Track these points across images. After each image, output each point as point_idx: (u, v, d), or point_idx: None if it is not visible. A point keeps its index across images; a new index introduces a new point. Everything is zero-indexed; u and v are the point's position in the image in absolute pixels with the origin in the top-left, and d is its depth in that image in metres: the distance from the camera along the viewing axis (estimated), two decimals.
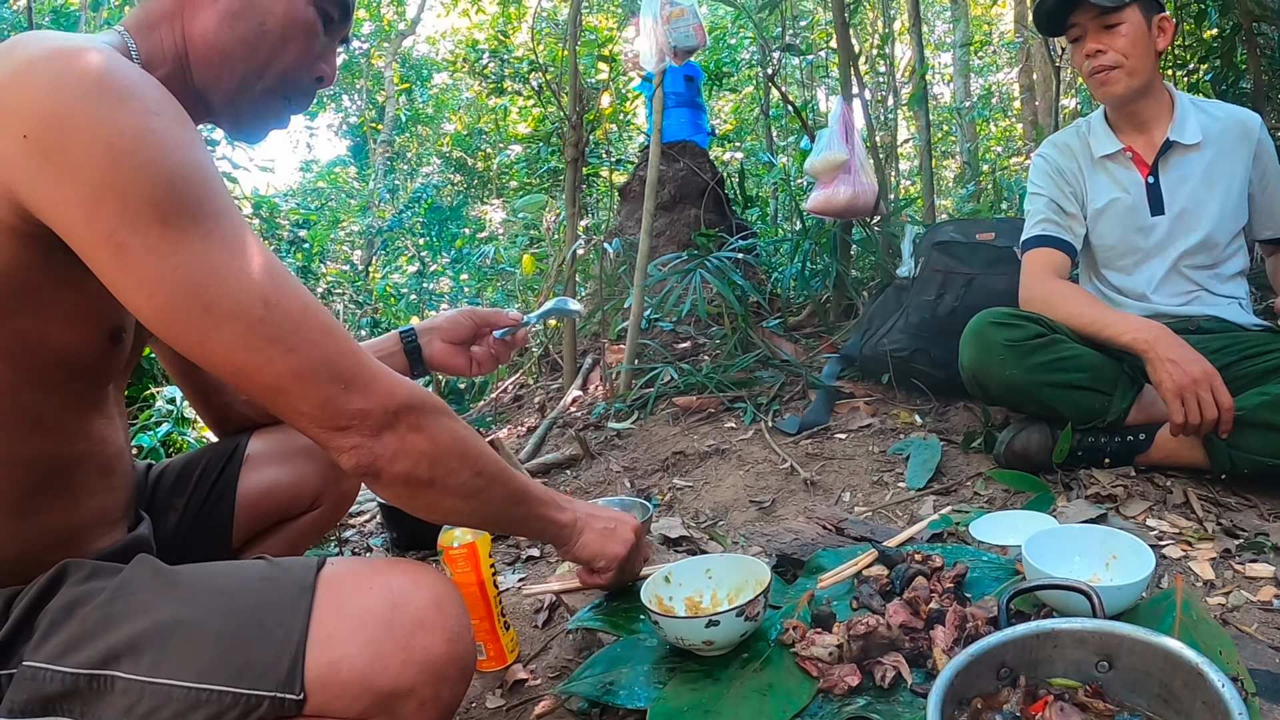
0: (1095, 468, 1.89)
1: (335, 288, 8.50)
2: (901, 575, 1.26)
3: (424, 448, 0.96)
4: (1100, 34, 1.96)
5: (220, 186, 0.89)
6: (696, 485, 2.38)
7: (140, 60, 1.01)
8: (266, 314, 0.86)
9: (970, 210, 5.47)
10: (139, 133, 0.82)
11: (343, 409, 0.91)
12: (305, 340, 0.89)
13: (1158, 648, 0.87)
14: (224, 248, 0.86)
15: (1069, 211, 2.12)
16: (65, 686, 0.84)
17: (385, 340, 1.45)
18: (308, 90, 1.13)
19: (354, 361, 0.92)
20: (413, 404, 0.95)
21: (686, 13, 3.03)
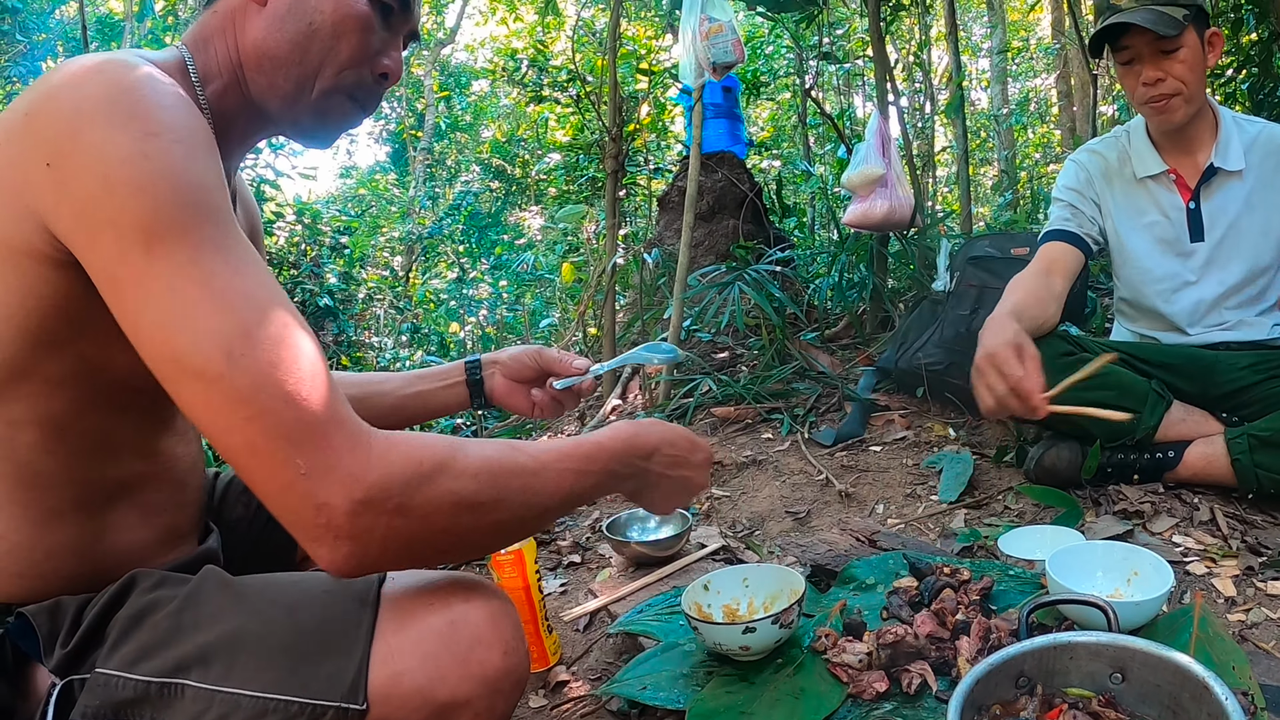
0: (1124, 484, 1.93)
1: (376, 293, 8.65)
2: (930, 587, 1.33)
3: (414, 532, 0.84)
4: (1158, 60, 1.89)
5: (216, 213, 0.84)
6: (734, 495, 2.45)
7: (197, 76, 1.02)
8: (228, 370, 0.78)
9: (1007, 219, 5.48)
10: (133, 158, 0.80)
11: (301, 501, 0.80)
12: (263, 408, 0.79)
13: (1168, 662, 0.93)
14: (200, 283, 0.80)
15: (1089, 209, 2.11)
16: (137, 693, 0.87)
17: (450, 368, 1.43)
18: (372, 89, 1.09)
19: (317, 438, 0.80)
20: (389, 487, 0.82)
21: (725, 28, 3.09)
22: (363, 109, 1.11)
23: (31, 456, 0.93)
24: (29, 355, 0.89)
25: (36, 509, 0.95)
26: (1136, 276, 2.12)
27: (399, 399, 1.42)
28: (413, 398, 1.42)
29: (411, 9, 1.10)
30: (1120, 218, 2.10)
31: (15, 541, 0.94)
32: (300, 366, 0.82)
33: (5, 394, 0.90)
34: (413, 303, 8.97)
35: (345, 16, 1.02)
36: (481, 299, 9.41)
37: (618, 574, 1.95)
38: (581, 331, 5.16)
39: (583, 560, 2.19)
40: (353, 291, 7.98)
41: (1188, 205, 2.03)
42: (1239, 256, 2.01)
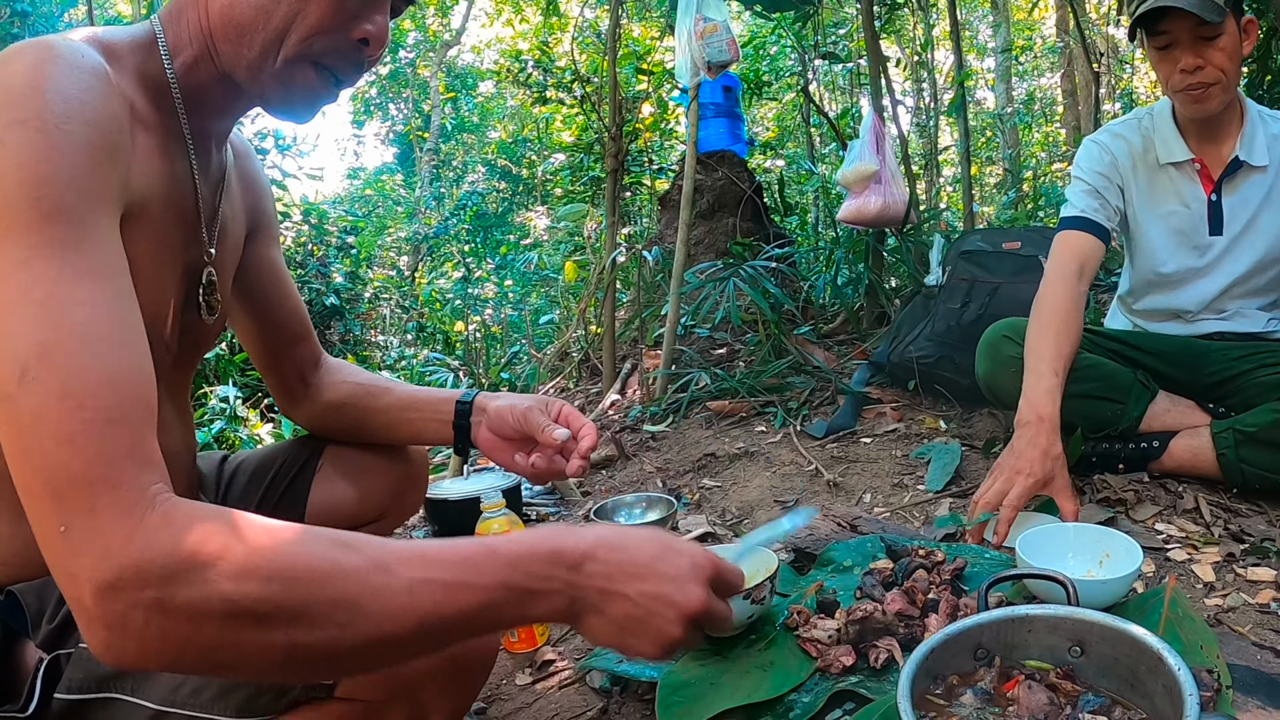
0: (1109, 473, 1.94)
1: (382, 292, 8.70)
2: (904, 568, 1.34)
3: (182, 634, 0.69)
4: (1198, 47, 1.81)
5: (73, 211, 0.77)
6: (725, 486, 2.47)
7: (166, 50, 0.98)
8: (16, 391, 0.70)
9: (1009, 218, 5.49)
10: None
11: (59, 566, 0.69)
12: (37, 444, 0.70)
13: (1124, 635, 0.94)
14: (22, 289, 0.73)
15: (1111, 191, 2.03)
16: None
17: (444, 402, 1.34)
18: (348, 55, 0.99)
19: (82, 495, 0.69)
20: (145, 573, 0.67)
21: (720, 28, 3.12)
22: (337, 80, 1.01)
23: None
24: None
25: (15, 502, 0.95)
26: (1148, 264, 2.08)
27: (390, 416, 1.37)
28: (402, 423, 1.37)
29: None
30: (1141, 204, 2.05)
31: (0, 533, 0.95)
32: (91, 405, 0.71)
33: None
34: (418, 302, 9.02)
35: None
36: (487, 298, 9.46)
37: None
38: (583, 329, 5.18)
39: None
40: (359, 291, 8.04)
41: (1209, 197, 1.98)
42: (1252, 251, 1.98)
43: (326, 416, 1.40)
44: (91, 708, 0.90)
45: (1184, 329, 2.07)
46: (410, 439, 1.42)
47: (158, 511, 0.71)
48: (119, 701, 0.90)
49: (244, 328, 1.34)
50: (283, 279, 1.34)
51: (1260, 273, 2.01)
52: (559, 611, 0.80)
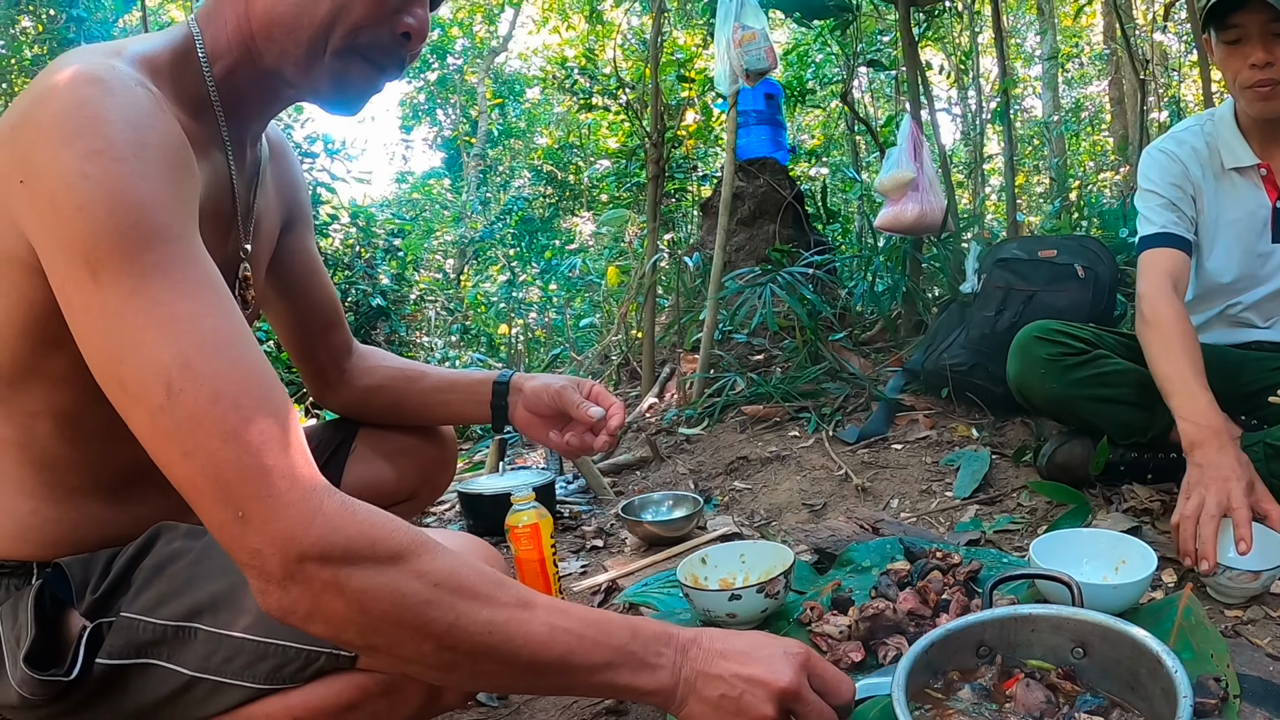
0: (1137, 482, 1.93)
1: (428, 294, 8.83)
2: (920, 569, 1.36)
3: (344, 612, 0.78)
4: (1270, 42, 1.74)
5: (162, 235, 0.81)
6: (755, 488, 2.50)
7: (204, 53, 1.00)
8: (167, 402, 0.77)
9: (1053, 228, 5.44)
10: (74, 179, 0.79)
11: (237, 544, 0.78)
12: (200, 445, 0.77)
13: (1125, 636, 0.95)
14: (143, 311, 0.78)
15: (1188, 214, 1.96)
16: (155, 635, 0.94)
17: (481, 382, 1.41)
18: (392, 49, 1.02)
19: (258, 484, 0.76)
20: (329, 554, 0.77)
21: (758, 36, 3.15)
22: (382, 71, 1.04)
23: (49, 444, 0.99)
24: (33, 353, 0.93)
25: (60, 489, 1.02)
26: (1209, 275, 2.01)
27: (427, 398, 1.44)
28: (440, 404, 1.44)
29: None
30: (1211, 213, 1.96)
31: (45, 517, 1.02)
32: (247, 404, 0.78)
33: (18, 388, 0.96)
34: (464, 304, 9.14)
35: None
36: (531, 302, 9.56)
37: (630, 552, 2.02)
38: (623, 333, 5.23)
39: (605, 545, 2.26)
40: (405, 292, 8.16)
41: (1275, 204, 1.91)
42: None
43: (363, 400, 1.46)
44: (130, 673, 0.95)
45: (1226, 337, 2.03)
46: (447, 419, 1.49)
47: (336, 499, 0.79)
48: (156, 667, 0.94)
49: (280, 317, 1.38)
50: (317, 268, 1.39)
51: None
52: (664, 689, 0.87)
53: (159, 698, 0.95)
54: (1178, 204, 1.94)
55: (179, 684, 0.94)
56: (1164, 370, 1.71)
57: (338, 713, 0.93)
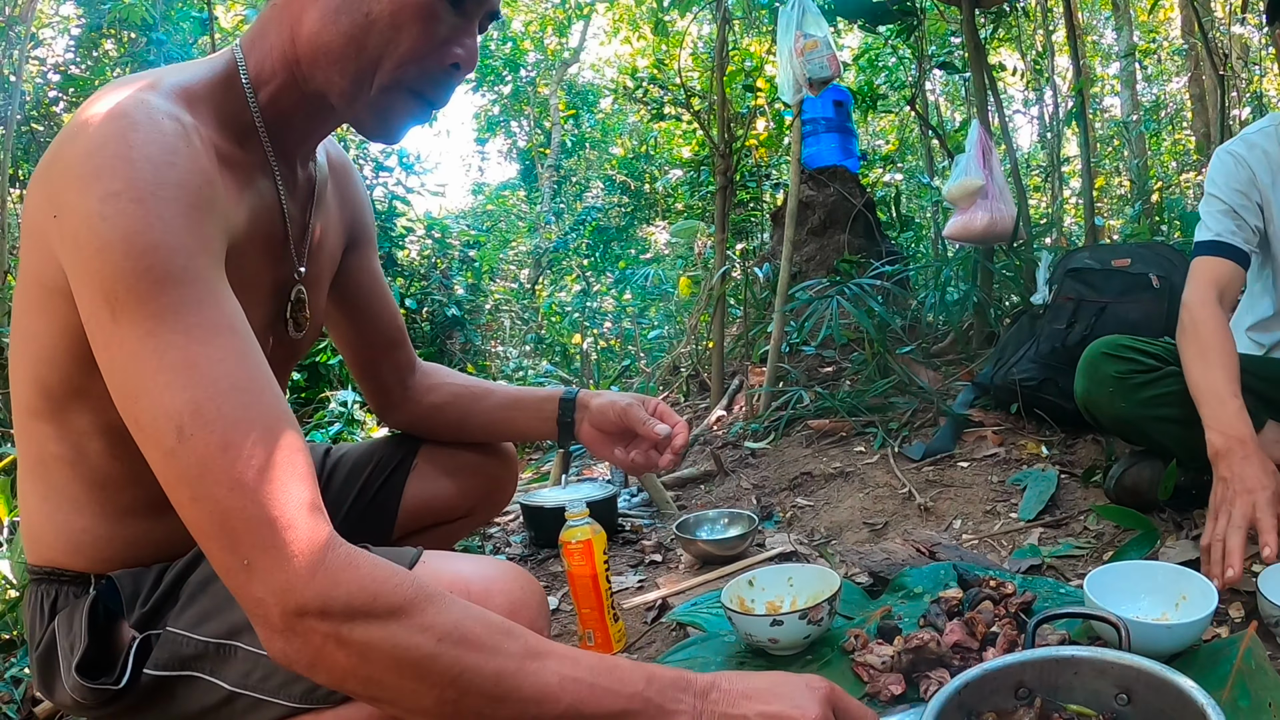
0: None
1: (503, 304, 8.97)
2: (972, 598, 1.34)
3: (345, 665, 0.79)
4: None
5: (178, 278, 0.81)
6: (817, 505, 2.47)
7: (248, 79, 1.00)
8: (177, 446, 0.78)
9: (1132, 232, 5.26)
10: (93, 220, 0.80)
11: (241, 590, 0.79)
12: (207, 493, 0.78)
13: (1171, 686, 0.91)
14: (156, 354, 0.79)
15: (1251, 209, 1.89)
16: (198, 650, 0.99)
17: (547, 400, 1.43)
18: (440, 81, 1.01)
19: (262, 534, 0.77)
20: (328, 609, 0.77)
21: (820, 44, 3.12)
22: (430, 104, 1.03)
23: (100, 462, 1.02)
24: (81, 375, 0.95)
25: (111, 507, 1.05)
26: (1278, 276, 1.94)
27: (493, 415, 1.46)
28: (506, 421, 1.46)
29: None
30: (1276, 214, 1.90)
31: (97, 535, 1.05)
32: (255, 453, 0.79)
33: (70, 409, 0.99)
34: (538, 314, 9.25)
35: (404, 5, 0.94)
36: (605, 312, 9.62)
37: (684, 570, 2.02)
38: (694, 344, 5.23)
39: (663, 560, 2.27)
40: (480, 302, 8.29)
41: None
42: None
43: (426, 417, 1.48)
44: (175, 684, 1.00)
45: None
46: (512, 436, 1.51)
47: (340, 554, 0.80)
48: (199, 680, 0.99)
49: (343, 336, 1.41)
50: (382, 288, 1.41)
51: None
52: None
53: (203, 708, 1.01)
54: (1240, 211, 1.87)
55: (221, 697, 0.99)
56: (1196, 378, 1.69)
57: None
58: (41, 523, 1.07)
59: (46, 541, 1.07)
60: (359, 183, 1.36)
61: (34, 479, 1.06)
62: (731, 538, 2.00)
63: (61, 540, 1.06)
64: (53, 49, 9.11)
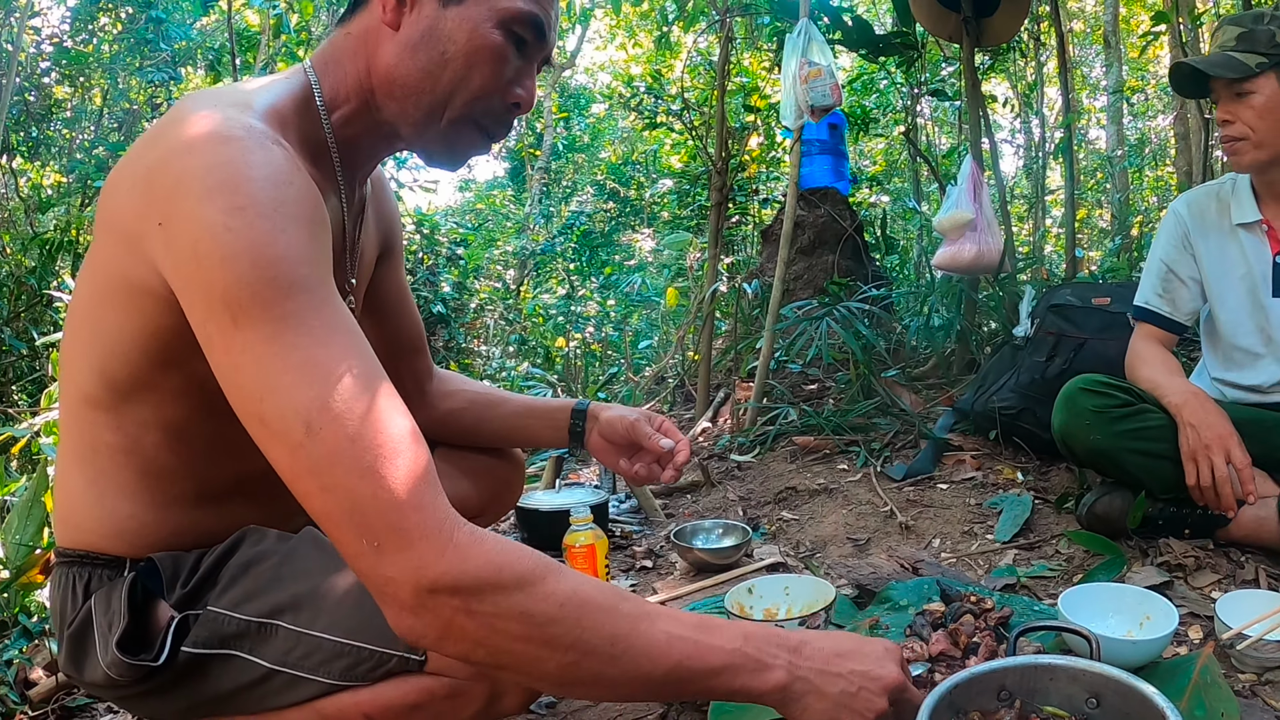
0: (1174, 537, 1.98)
1: (487, 304, 9.02)
2: (954, 612, 1.45)
3: (475, 635, 0.85)
4: (1230, 102, 1.92)
5: (299, 286, 0.87)
6: (802, 519, 2.59)
7: (323, 100, 1.07)
8: (306, 440, 0.83)
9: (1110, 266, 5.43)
10: (217, 232, 0.85)
11: (371, 572, 0.84)
12: (338, 482, 0.83)
13: (1136, 692, 1.03)
14: (281, 355, 0.84)
15: (1182, 278, 2.12)
16: (239, 629, 1.03)
17: (558, 409, 1.51)
18: (502, 117, 1.10)
19: (392, 517, 0.83)
20: (459, 584, 0.83)
21: (824, 73, 3.23)
22: (490, 137, 1.12)
23: (156, 454, 1.07)
24: (151, 371, 1.01)
25: (161, 496, 1.10)
26: (1225, 329, 2.12)
27: (508, 424, 1.55)
28: (519, 429, 1.55)
29: (547, 36, 1.10)
30: (1213, 268, 2.10)
31: (142, 521, 1.11)
32: (382, 442, 0.84)
33: (133, 401, 1.04)
34: (522, 315, 9.31)
35: (479, 47, 1.03)
36: (589, 316, 9.71)
37: (680, 577, 2.13)
38: (680, 355, 5.34)
39: (654, 565, 2.37)
40: (465, 301, 8.35)
41: (1275, 259, 2.02)
42: None
43: (442, 422, 1.55)
44: (213, 662, 1.04)
45: (1258, 399, 2.10)
46: (524, 443, 1.60)
47: (465, 531, 0.86)
48: (237, 659, 1.03)
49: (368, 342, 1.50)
50: (406, 296, 1.50)
51: None
52: (779, 687, 0.93)
53: (239, 685, 1.05)
54: (1173, 270, 2.15)
55: (258, 675, 1.04)
56: (1148, 376, 2.04)
57: (404, 711, 1.02)
58: (83, 507, 1.11)
59: (86, 526, 1.12)
60: (392, 197, 1.45)
61: (81, 464, 1.11)
62: (726, 547, 2.10)
63: (104, 525, 1.11)
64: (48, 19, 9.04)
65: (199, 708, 1.09)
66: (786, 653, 0.94)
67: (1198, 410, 1.86)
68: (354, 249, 1.24)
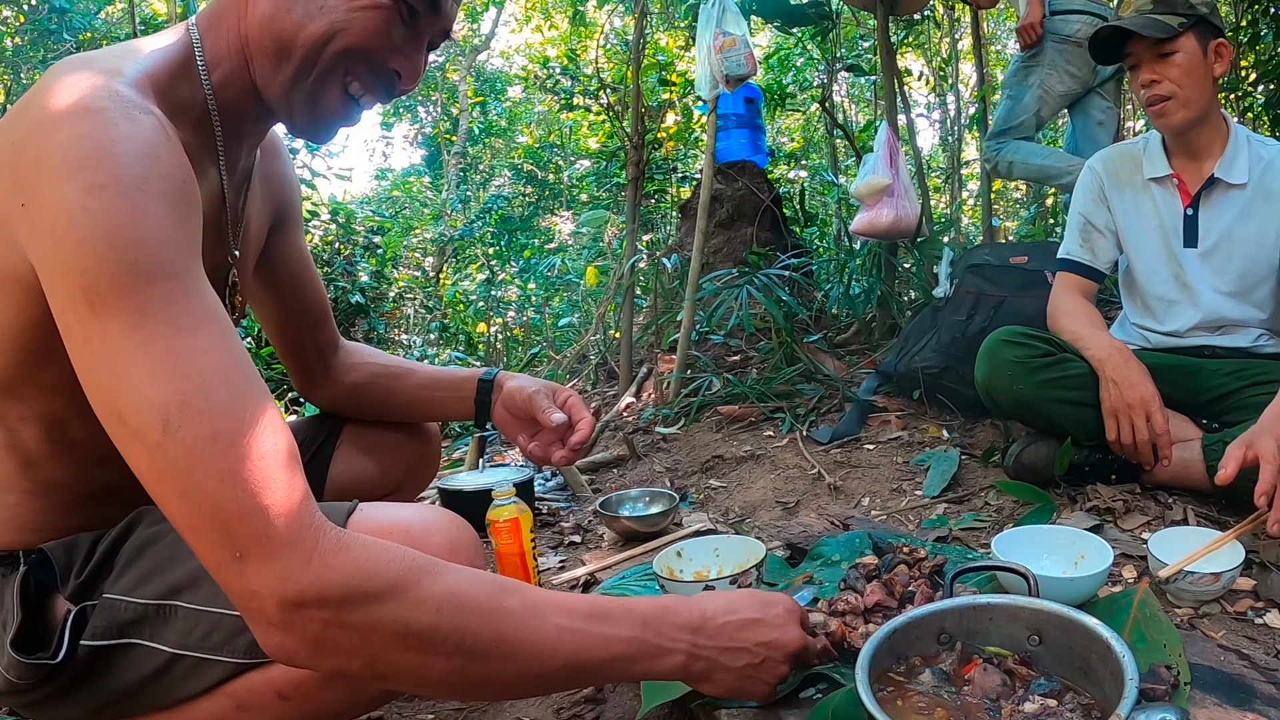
0: (1101, 483, 1.99)
1: (407, 292, 8.83)
2: (888, 563, 1.41)
3: (353, 647, 0.79)
4: (1155, 63, 1.96)
5: (163, 271, 0.80)
6: (730, 486, 2.54)
7: (203, 60, 1.00)
8: (164, 440, 0.76)
9: (1027, 233, 5.53)
10: (74, 213, 0.78)
11: (235, 585, 0.77)
12: (197, 485, 0.76)
13: (1077, 624, 1.00)
14: (141, 346, 0.77)
15: (1100, 228, 2.17)
16: (136, 614, 0.96)
17: (465, 380, 1.44)
18: (379, 80, 1.03)
19: (256, 524, 0.76)
20: (326, 596, 0.76)
21: (738, 42, 3.19)
22: (358, 104, 1.05)
23: (35, 446, 1.01)
24: (26, 364, 0.94)
25: (43, 485, 1.04)
26: (1141, 278, 2.17)
27: (414, 396, 1.47)
28: (426, 401, 1.48)
29: (441, 8, 1.03)
30: (1128, 220, 2.16)
31: (29, 507, 1.04)
32: (246, 443, 0.78)
33: (8, 396, 0.98)
34: (443, 302, 9.14)
35: (363, 5, 0.97)
36: (510, 301, 9.57)
37: (608, 547, 2.07)
38: (601, 333, 5.27)
39: (582, 540, 2.30)
40: (384, 290, 8.14)
41: (1186, 210, 2.08)
42: (1231, 266, 2.05)
43: (348, 396, 1.48)
44: (113, 654, 0.97)
45: (1178, 343, 2.13)
46: (432, 416, 1.52)
47: (331, 538, 0.79)
48: (138, 647, 0.97)
49: (268, 314, 1.40)
50: (307, 266, 1.41)
51: (1245, 292, 2.06)
52: (679, 669, 0.92)
53: (142, 677, 0.97)
54: (1091, 222, 2.21)
55: (161, 662, 0.96)
56: (1070, 328, 2.06)
57: (318, 684, 0.95)
58: None
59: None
60: (287, 161, 1.36)
61: None
62: (653, 515, 2.05)
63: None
64: None
65: (107, 709, 1.01)
66: (688, 634, 0.92)
67: (1120, 367, 1.87)
68: (237, 220, 1.17)
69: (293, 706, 0.97)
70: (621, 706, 1.40)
